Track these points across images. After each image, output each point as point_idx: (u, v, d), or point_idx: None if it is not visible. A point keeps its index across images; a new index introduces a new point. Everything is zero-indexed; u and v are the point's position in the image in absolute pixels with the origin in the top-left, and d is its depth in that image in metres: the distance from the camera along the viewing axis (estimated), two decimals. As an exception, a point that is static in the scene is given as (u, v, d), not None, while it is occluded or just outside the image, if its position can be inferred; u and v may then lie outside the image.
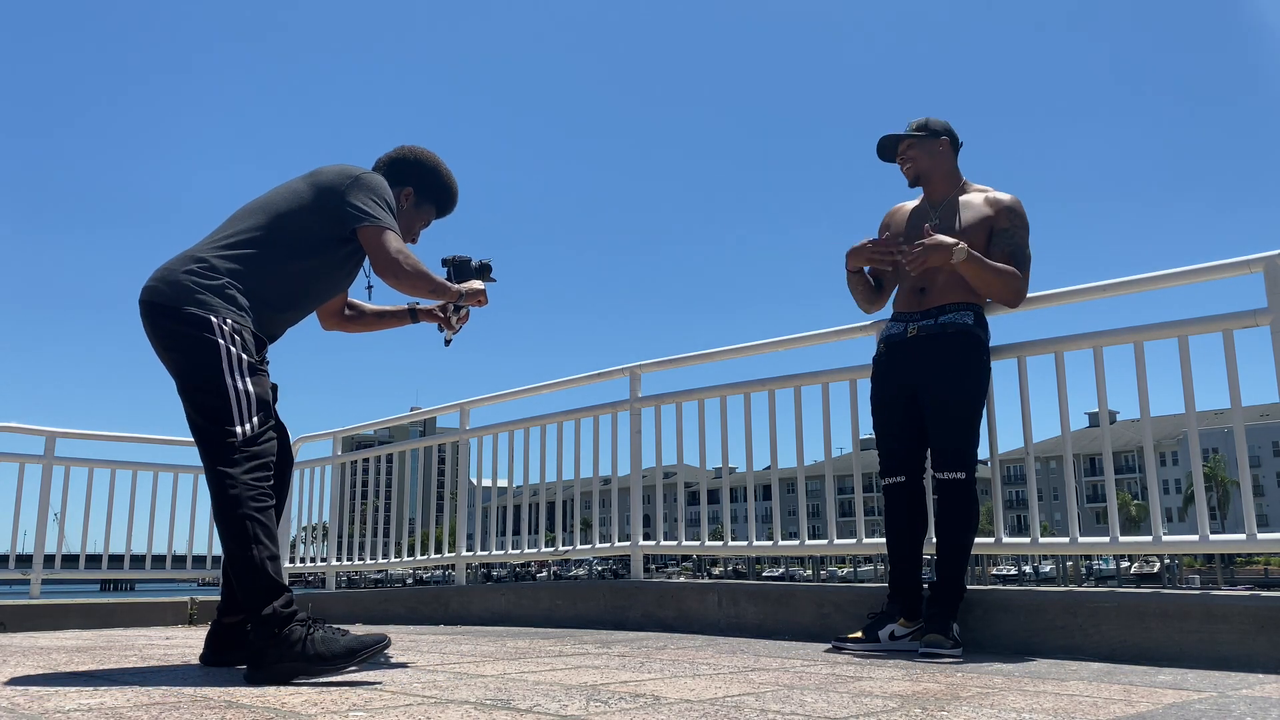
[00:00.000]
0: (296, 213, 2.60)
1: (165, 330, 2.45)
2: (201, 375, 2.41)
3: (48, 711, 1.75)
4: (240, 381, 2.41)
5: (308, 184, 2.65)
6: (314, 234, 2.60)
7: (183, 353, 2.44)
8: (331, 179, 2.64)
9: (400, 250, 2.60)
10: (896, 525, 3.18)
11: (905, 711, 1.81)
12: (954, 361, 3.05)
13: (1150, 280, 3.12)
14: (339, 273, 2.72)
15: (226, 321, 2.44)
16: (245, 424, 2.40)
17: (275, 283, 2.57)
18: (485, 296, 2.85)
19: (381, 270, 2.60)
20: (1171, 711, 1.82)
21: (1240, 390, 2.91)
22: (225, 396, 2.39)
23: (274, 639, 2.21)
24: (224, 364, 2.41)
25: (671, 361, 4.57)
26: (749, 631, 3.68)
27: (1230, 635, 2.64)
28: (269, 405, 2.49)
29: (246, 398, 2.42)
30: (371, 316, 3.06)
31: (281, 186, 2.69)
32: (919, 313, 3.16)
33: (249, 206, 2.65)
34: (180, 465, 5.97)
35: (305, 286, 2.66)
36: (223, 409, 2.39)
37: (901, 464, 3.18)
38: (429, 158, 2.90)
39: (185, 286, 2.45)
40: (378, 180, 2.68)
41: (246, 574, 2.29)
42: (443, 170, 2.92)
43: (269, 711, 1.76)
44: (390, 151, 2.90)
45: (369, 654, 2.28)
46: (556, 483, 4.92)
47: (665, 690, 2.09)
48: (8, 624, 4.77)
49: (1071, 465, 3.14)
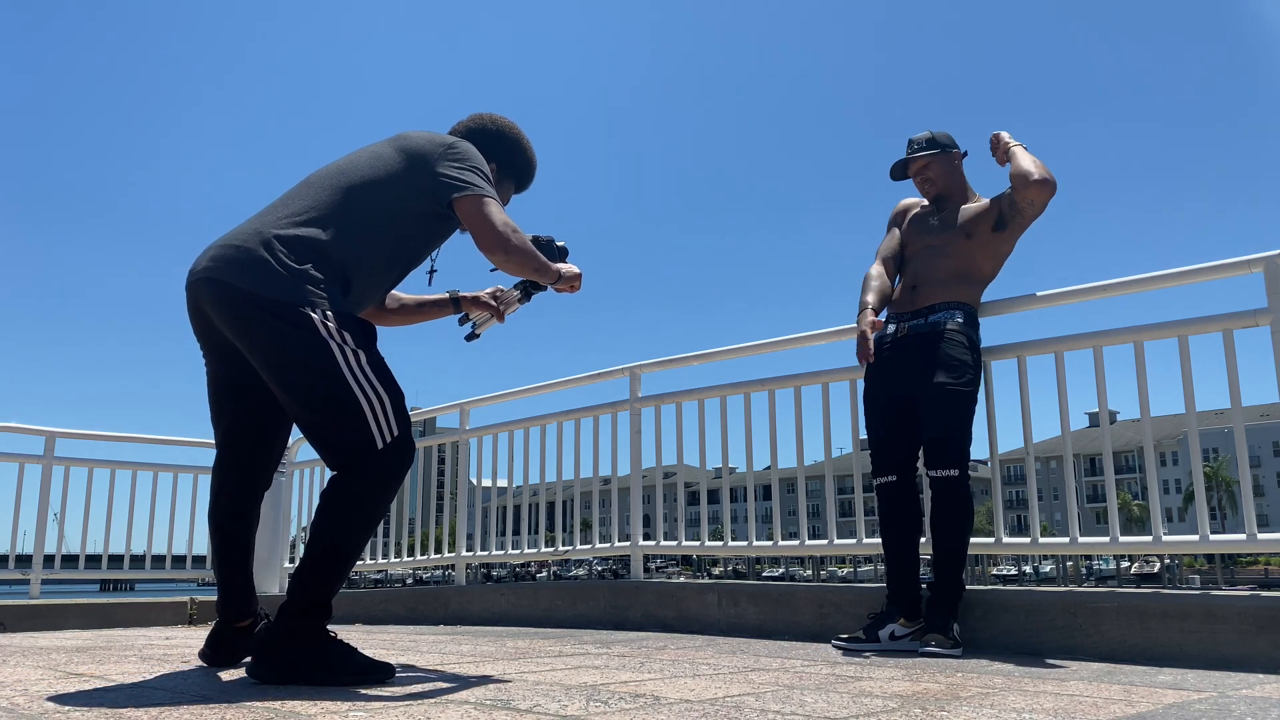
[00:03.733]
0: (384, 182, 2.34)
1: (256, 323, 2.17)
2: (320, 380, 2.16)
3: (48, 711, 1.75)
4: (367, 385, 2.18)
5: (394, 149, 2.40)
6: (401, 207, 2.35)
7: (288, 353, 2.17)
8: (422, 144, 2.39)
9: (507, 222, 2.33)
10: (890, 525, 3.18)
11: (905, 711, 1.81)
12: (944, 360, 3.06)
13: (1150, 280, 3.12)
14: (424, 251, 2.49)
15: (329, 317, 2.18)
16: (384, 431, 2.19)
17: (360, 262, 2.31)
18: (579, 281, 2.56)
19: (488, 244, 2.31)
20: (1172, 711, 1.82)
21: (1240, 390, 2.92)
22: (356, 404, 2.16)
23: (289, 640, 2.15)
24: (343, 368, 2.16)
25: (671, 361, 4.57)
26: (749, 631, 3.68)
27: (1230, 635, 2.64)
28: (404, 401, 2.26)
29: (379, 400, 2.19)
30: (411, 307, 2.80)
31: (363, 151, 2.44)
32: (909, 312, 3.18)
33: (328, 172, 2.39)
34: (180, 465, 5.97)
35: (391, 264, 2.41)
36: (356, 419, 2.16)
37: (893, 463, 3.18)
38: (511, 129, 2.65)
39: (274, 272, 2.17)
40: (471, 148, 2.43)
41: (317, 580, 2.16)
42: (524, 142, 2.67)
43: (269, 711, 1.76)
44: (467, 120, 2.64)
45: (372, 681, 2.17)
46: (556, 483, 4.92)
47: (665, 690, 2.09)
48: (8, 624, 4.77)
49: (1071, 465, 3.14)
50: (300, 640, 2.16)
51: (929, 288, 3.16)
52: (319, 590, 2.18)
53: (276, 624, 2.19)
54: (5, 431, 5.45)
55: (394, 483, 2.24)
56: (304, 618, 2.16)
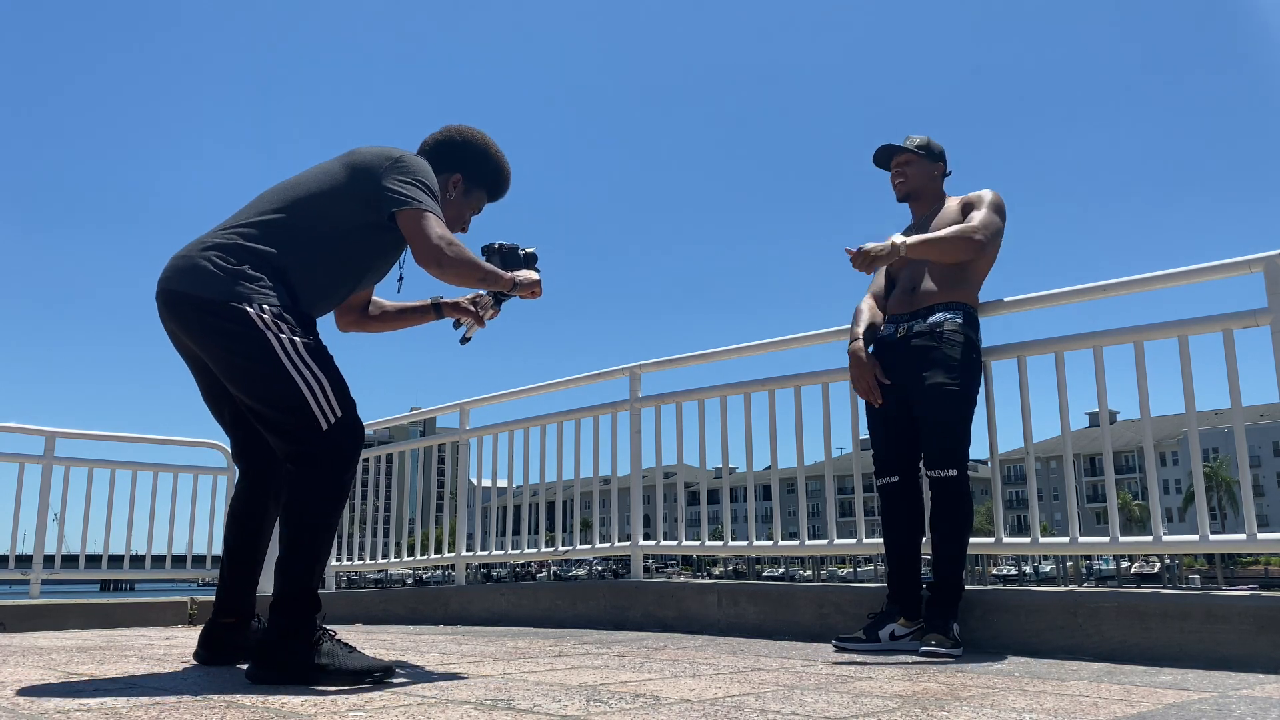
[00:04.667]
0: (329, 194, 2.41)
1: (200, 325, 2.29)
2: (261, 372, 2.25)
3: (48, 711, 1.75)
4: (305, 370, 2.26)
5: (342, 164, 2.47)
6: (345, 218, 2.41)
7: (230, 350, 2.27)
8: (369, 159, 2.45)
9: (443, 236, 2.38)
10: (892, 525, 3.19)
11: (905, 711, 1.81)
12: (944, 361, 3.06)
13: (1150, 280, 3.12)
14: (375, 260, 2.55)
15: (264, 310, 2.26)
16: (327, 413, 2.26)
17: (300, 268, 2.38)
18: (540, 287, 2.60)
19: (423, 258, 2.37)
20: (1172, 711, 1.82)
21: (1240, 390, 2.92)
22: (296, 390, 2.24)
23: (286, 640, 2.17)
24: (281, 356, 2.24)
25: (671, 361, 4.57)
26: (749, 631, 3.68)
27: (1230, 635, 2.64)
28: (344, 383, 2.33)
29: (319, 384, 2.27)
30: (393, 314, 2.88)
31: (315, 167, 2.51)
32: (908, 314, 3.20)
33: (278, 187, 2.47)
34: (180, 465, 5.96)
35: (333, 273, 2.47)
36: (298, 404, 2.24)
37: (895, 464, 3.19)
38: (478, 138, 2.70)
39: (209, 274, 2.27)
40: (419, 162, 2.48)
41: (296, 577, 2.22)
42: (493, 151, 2.71)
43: (269, 711, 1.76)
44: (436, 133, 2.69)
45: (373, 680, 2.19)
46: (556, 483, 4.92)
47: (665, 690, 2.09)
48: (8, 624, 4.77)
49: (1071, 465, 3.14)
50: (297, 640, 2.17)
51: (926, 288, 3.17)
52: (298, 583, 2.23)
53: (270, 625, 2.21)
54: (5, 431, 5.45)
55: (344, 464, 2.30)
56: (294, 615, 2.19)
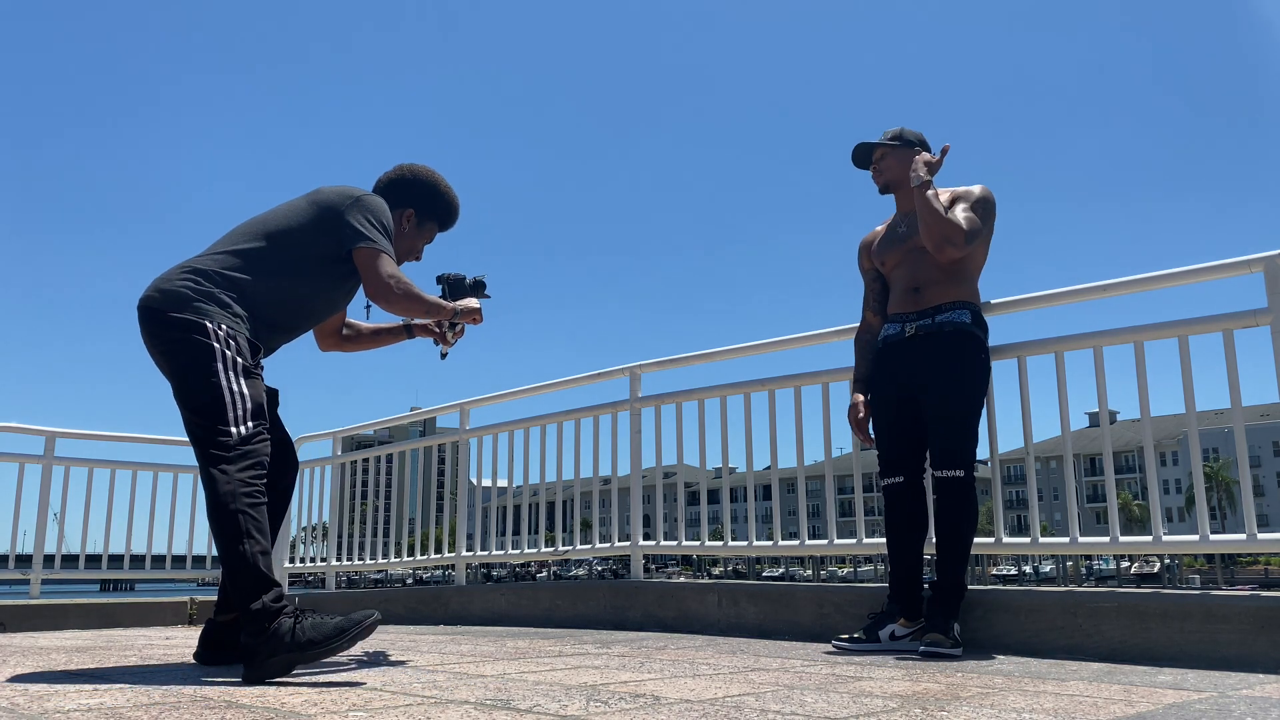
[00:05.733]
0: (296, 230, 2.65)
1: (161, 336, 2.50)
2: (196, 377, 2.44)
3: (47, 711, 1.75)
4: (235, 383, 2.46)
5: (308, 202, 2.70)
6: (312, 252, 2.65)
7: (177, 356, 2.48)
8: (332, 198, 2.69)
9: (392, 275, 2.65)
10: (896, 525, 3.18)
11: (905, 711, 1.81)
12: (952, 360, 3.05)
13: (1150, 280, 3.12)
14: (337, 292, 2.79)
15: (221, 326, 2.49)
16: (240, 425, 2.44)
17: (272, 298, 2.62)
18: (480, 315, 2.89)
19: (373, 294, 2.66)
20: (1171, 712, 1.82)
21: (1240, 390, 2.92)
22: (220, 397, 2.43)
23: (264, 634, 2.22)
24: (218, 365, 2.45)
25: (671, 361, 4.57)
26: (749, 631, 3.68)
27: (1230, 635, 2.64)
28: (264, 409, 2.53)
29: (241, 399, 2.45)
30: (368, 335, 3.12)
31: (282, 205, 2.75)
32: (915, 313, 3.17)
33: (249, 222, 2.70)
34: (180, 465, 5.97)
35: (302, 304, 2.71)
36: (217, 409, 2.42)
37: (900, 464, 3.18)
38: (427, 176, 2.94)
39: (180, 294, 2.50)
40: (378, 202, 2.73)
41: (238, 569, 2.31)
42: (441, 187, 2.96)
43: (269, 711, 1.76)
44: (389, 171, 2.95)
45: (359, 630, 2.28)
46: (556, 483, 4.92)
47: (665, 690, 2.09)
48: (8, 624, 4.77)
49: (1071, 465, 3.14)
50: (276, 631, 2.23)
51: (931, 288, 3.15)
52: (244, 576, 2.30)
53: (245, 623, 2.27)
54: (5, 431, 5.45)
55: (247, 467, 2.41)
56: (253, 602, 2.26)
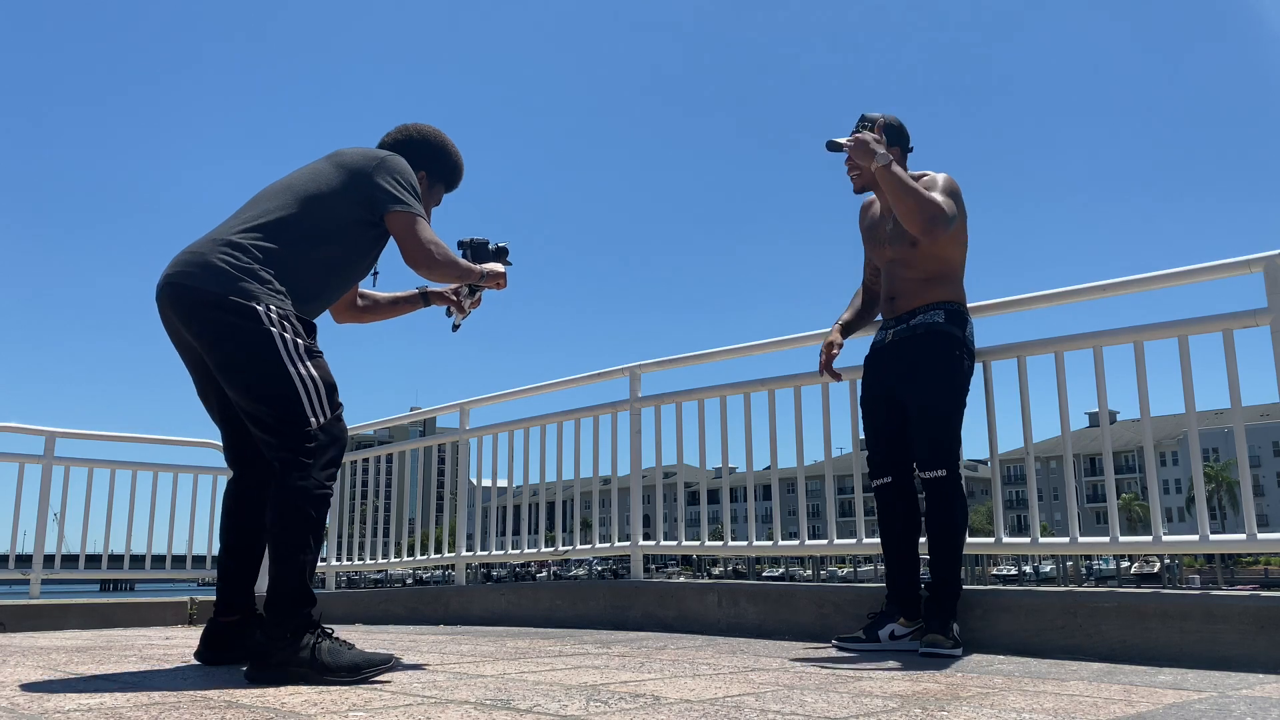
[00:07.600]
0: (323, 195, 2.52)
1: (202, 318, 2.35)
2: (257, 369, 2.32)
3: (47, 711, 1.75)
4: (302, 367, 2.34)
5: (332, 165, 2.58)
6: (340, 216, 2.53)
7: (223, 342, 2.34)
8: (358, 160, 2.57)
9: (432, 240, 2.55)
10: (888, 525, 3.20)
11: (905, 711, 1.81)
12: (926, 361, 3.07)
13: (1150, 280, 3.12)
14: (367, 257, 2.66)
15: (271, 309, 2.35)
16: (318, 414, 2.34)
17: (308, 267, 2.49)
18: (505, 279, 2.80)
19: (414, 259, 2.53)
20: (1171, 712, 1.82)
21: (1240, 390, 2.92)
22: (291, 387, 2.32)
23: (284, 642, 2.19)
24: (281, 352, 2.33)
25: (671, 361, 4.57)
26: (749, 631, 3.68)
27: (1230, 635, 2.64)
28: (336, 387, 2.43)
29: (313, 383, 2.35)
30: (385, 304, 3.00)
31: (304, 168, 2.62)
32: (893, 319, 3.21)
33: (273, 188, 2.57)
34: (180, 465, 5.96)
35: (334, 270, 2.58)
36: (291, 400, 2.32)
37: (888, 465, 3.20)
38: (435, 136, 2.83)
39: (222, 271, 2.35)
40: (404, 164, 2.61)
41: (285, 575, 2.25)
42: (449, 147, 2.86)
43: (269, 711, 1.76)
44: (393, 132, 2.82)
45: (374, 673, 2.25)
46: (556, 483, 4.92)
47: (665, 690, 2.09)
48: (8, 624, 4.77)
49: (1071, 465, 3.14)
50: (296, 639, 2.19)
51: (904, 297, 3.19)
52: (288, 581, 2.24)
53: (267, 626, 2.23)
54: (5, 431, 5.45)
55: (330, 463, 2.36)
56: (288, 614, 2.21)
